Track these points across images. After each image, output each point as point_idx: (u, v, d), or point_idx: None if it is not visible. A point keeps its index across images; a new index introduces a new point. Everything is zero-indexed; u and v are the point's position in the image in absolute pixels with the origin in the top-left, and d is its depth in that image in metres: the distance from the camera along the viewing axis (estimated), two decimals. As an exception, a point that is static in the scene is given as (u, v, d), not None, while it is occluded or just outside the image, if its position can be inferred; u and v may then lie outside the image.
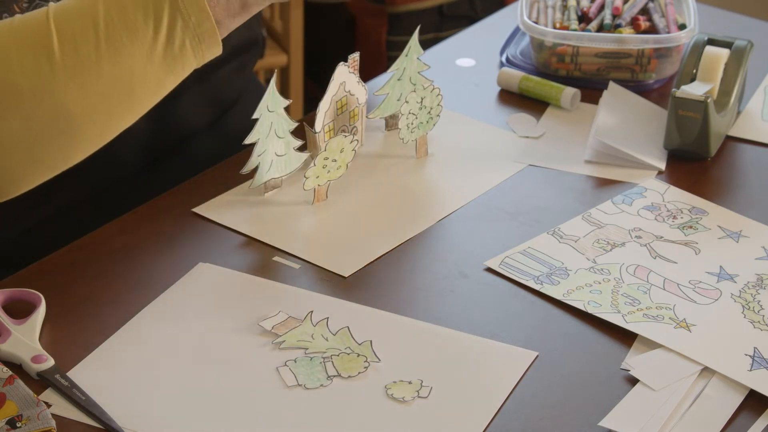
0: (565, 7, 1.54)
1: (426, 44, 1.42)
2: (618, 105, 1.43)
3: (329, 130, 1.29)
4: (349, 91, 1.30)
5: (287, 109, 1.26)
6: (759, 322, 1.14)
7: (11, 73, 1.08)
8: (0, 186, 1.13)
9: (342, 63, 1.27)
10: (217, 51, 1.14)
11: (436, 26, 2.63)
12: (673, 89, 1.36)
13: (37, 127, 1.10)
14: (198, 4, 1.11)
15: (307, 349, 1.10)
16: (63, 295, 1.15)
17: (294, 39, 2.56)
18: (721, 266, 1.21)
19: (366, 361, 1.09)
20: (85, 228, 1.25)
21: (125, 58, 1.10)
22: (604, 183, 1.34)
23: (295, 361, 1.08)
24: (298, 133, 1.28)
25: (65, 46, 1.08)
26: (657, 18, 1.51)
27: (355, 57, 1.29)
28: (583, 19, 1.52)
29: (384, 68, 1.45)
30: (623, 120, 1.40)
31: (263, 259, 1.21)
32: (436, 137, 1.39)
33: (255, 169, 1.26)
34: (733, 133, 1.42)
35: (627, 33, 1.48)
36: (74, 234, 1.24)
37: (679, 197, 1.31)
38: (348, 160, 1.28)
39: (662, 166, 1.36)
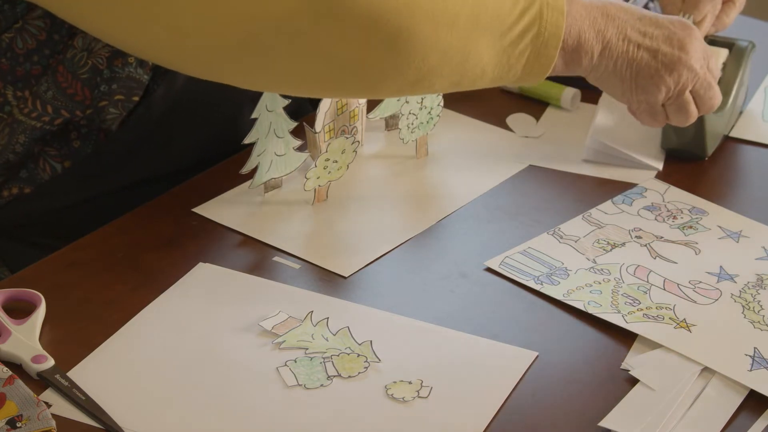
0: (565, 7, 1.54)
1: (426, 44, 1.41)
2: (617, 105, 1.43)
3: (329, 131, 1.29)
4: (349, 91, 1.30)
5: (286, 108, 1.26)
6: (759, 322, 1.14)
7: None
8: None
9: (342, 63, 1.27)
10: (535, 81, 1.12)
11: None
12: (673, 89, 1.36)
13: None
14: (557, 24, 1.11)
15: (307, 349, 1.10)
16: (63, 295, 1.15)
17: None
18: (721, 266, 1.21)
19: (366, 361, 1.09)
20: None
21: (479, 27, 1.07)
22: (604, 183, 1.34)
23: (295, 361, 1.08)
24: (297, 132, 1.28)
25: None
26: (657, 18, 1.51)
27: (355, 57, 1.29)
28: (583, 19, 1.52)
29: (384, 68, 1.45)
30: (622, 119, 1.40)
31: (263, 259, 1.21)
32: (436, 137, 1.39)
33: (255, 169, 1.26)
34: (733, 133, 1.42)
35: (627, 33, 1.48)
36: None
37: (679, 197, 1.31)
38: (349, 160, 1.28)
39: (660, 165, 1.36)
